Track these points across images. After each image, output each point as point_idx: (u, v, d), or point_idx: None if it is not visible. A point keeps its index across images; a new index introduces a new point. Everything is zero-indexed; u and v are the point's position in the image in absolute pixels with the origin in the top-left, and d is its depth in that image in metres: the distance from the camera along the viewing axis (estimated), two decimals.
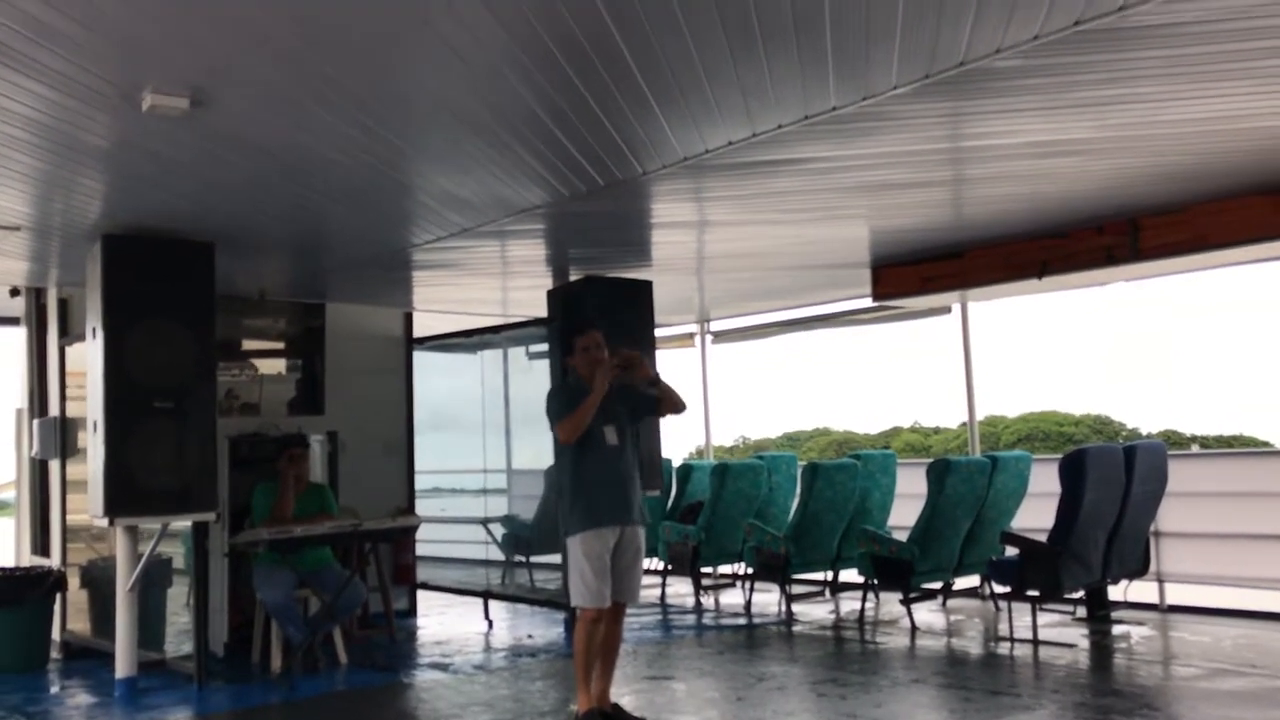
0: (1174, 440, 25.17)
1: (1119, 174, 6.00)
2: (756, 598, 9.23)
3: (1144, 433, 26.19)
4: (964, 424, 9.75)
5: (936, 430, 29.22)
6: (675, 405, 5.47)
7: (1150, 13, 3.68)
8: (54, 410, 7.81)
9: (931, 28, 3.79)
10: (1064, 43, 3.90)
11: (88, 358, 6.48)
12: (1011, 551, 7.29)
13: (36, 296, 8.13)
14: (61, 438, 7.66)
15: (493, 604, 8.90)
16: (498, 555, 9.82)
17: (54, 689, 6.84)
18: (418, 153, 5.20)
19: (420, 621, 8.92)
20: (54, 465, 7.85)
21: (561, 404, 5.25)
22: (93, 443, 6.32)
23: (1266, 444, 23.12)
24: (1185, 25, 3.85)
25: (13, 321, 8.63)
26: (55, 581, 7.40)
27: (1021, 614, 7.26)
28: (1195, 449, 23.47)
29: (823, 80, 4.25)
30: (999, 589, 7.89)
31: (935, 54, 4.02)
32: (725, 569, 10.32)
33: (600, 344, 5.36)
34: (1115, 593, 7.83)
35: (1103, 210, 6.83)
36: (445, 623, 8.79)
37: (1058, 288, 8.12)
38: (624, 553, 5.24)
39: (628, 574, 5.26)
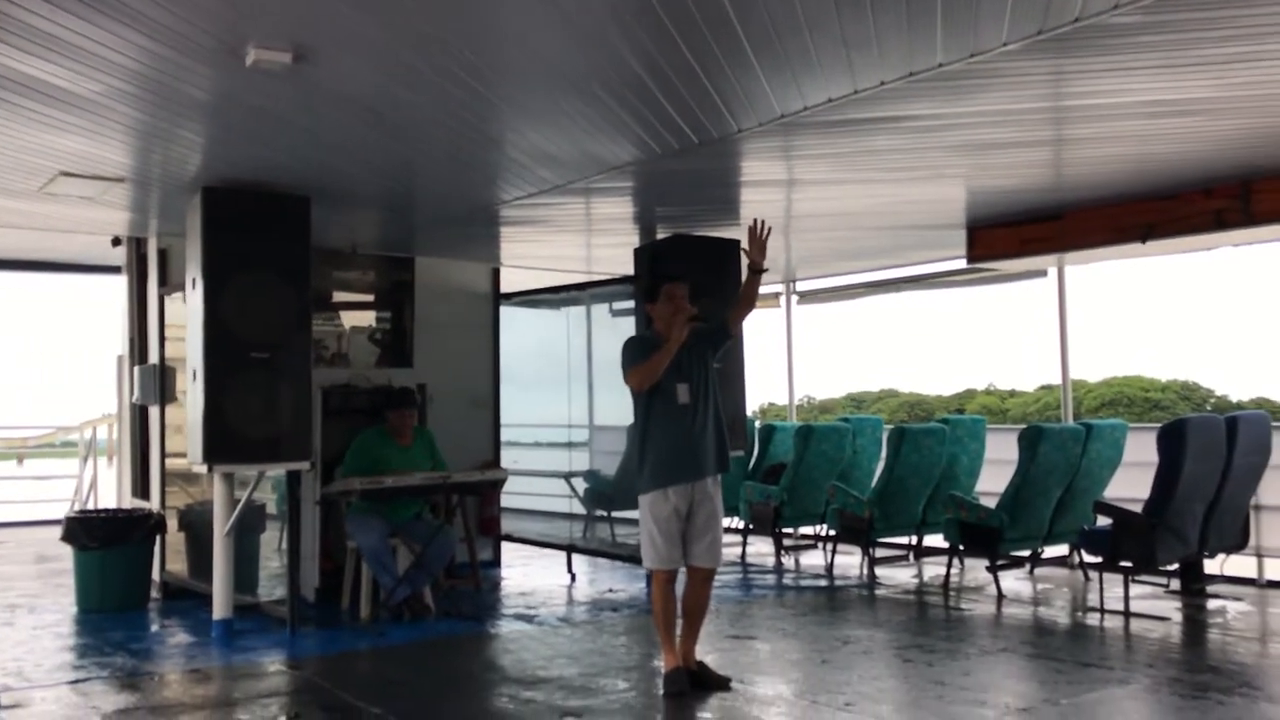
0: (1267, 408, 24.46)
1: (1233, 135, 5.76)
2: (838, 560, 9.18)
3: (1234, 400, 25.43)
4: (1041, 387, 9.54)
5: (1012, 393, 28.73)
6: (747, 307, 5.37)
7: None
8: (153, 358, 8.01)
9: None
10: None
11: (188, 308, 6.63)
12: (1104, 521, 7.12)
13: (137, 246, 8.33)
14: (161, 384, 7.87)
15: (575, 557, 8.99)
16: (580, 509, 9.90)
17: (154, 627, 7.07)
18: (513, 109, 5.18)
19: (504, 573, 9.04)
20: (153, 411, 8.07)
21: (635, 353, 5.21)
22: (192, 391, 6.47)
23: None
24: None
25: (114, 270, 8.87)
26: (155, 524, 7.64)
27: (1113, 585, 7.11)
28: None
29: (930, 35, 4.13)
30: (1090, 559, 7.74)
31: (1049, 9, 3.88)
32: (806, 530, 10.29)
33: (686, 296, 5.29)
34: (1211, 566, 7.63)
35: (1213, 173, 6.57)
36: (529, 574, 8.90)
37: (1161, 252, 7.88)
38: (697, 514, 5.17)
39: (701, 535, 5.19)
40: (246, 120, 5.29)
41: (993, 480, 8.15)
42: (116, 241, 8.36)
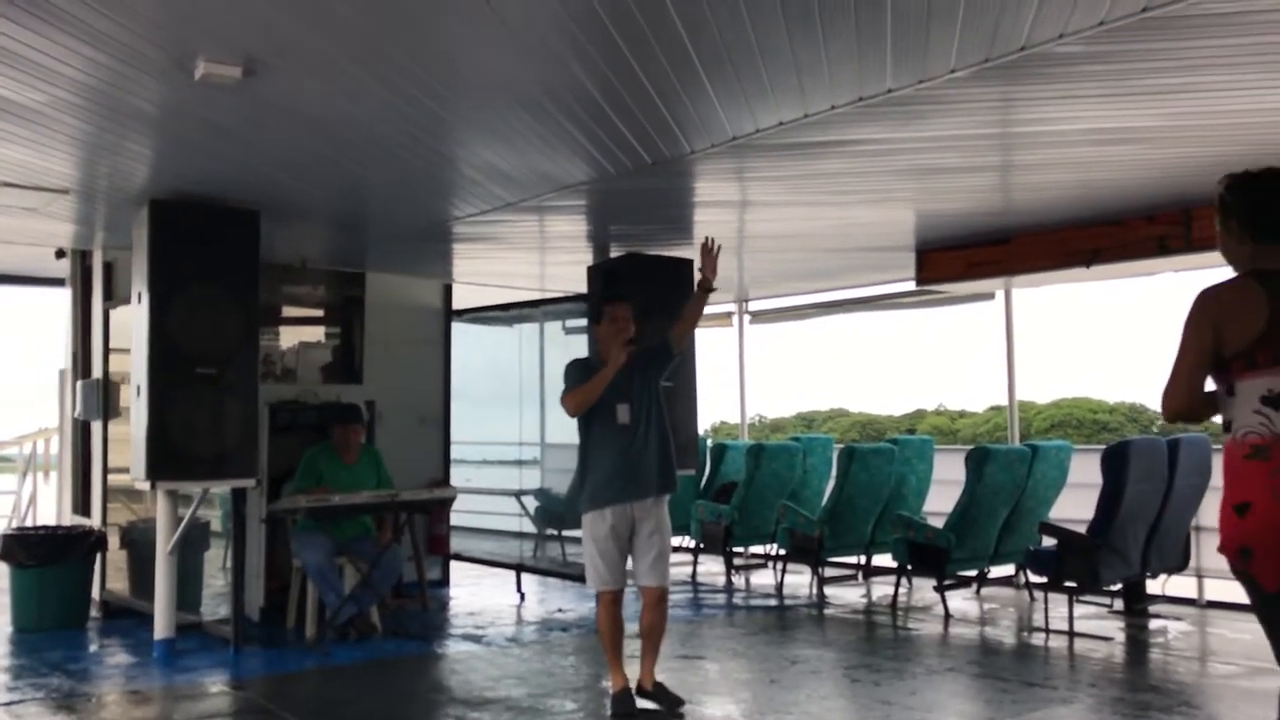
0: (1210, 431, 24.87)
1: (1176, 163, 5.88)
2: (788, 579, 9.21)
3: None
4: (991, 408, 9.67)
5: (962, 414, 29.04)
6: (690, 325, 5.41)
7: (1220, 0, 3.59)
8: (97, 372, 7.88)
9: (994, 10, 3.70)
10: (1130, 29, 3.81)
11: (132, 322, 6.53)
12: (1049, 542, 7.21)
13: (82, 259, 8.21)
14: (104, 399, 7.74)
15: (525, 577, 8.94)
16: (531, 528, 9.85)
17: (93, 647, 6.93)
18: (465, 126, 5.18)
19: (453, 592, 8.98)
20: (96, 426, 7.93)
21: (574, 376, 5.22)
22: (136, 407, 6.37)
23: None
24: (1255, 14, 3.75)
25: (58, 283, 8.72)
26: (96, 541, 7.50)
27: (1057, 605, 7.20)
28: None
29: (880, 61, 4.18)
30: (1035, 579, 7.83)
31: (996, 37, 3.94)
32: (757, 549, 10.32)
33: (629, 317, 5.30)
34: (1153, 587, 7.75)
35: (1156, 200, 6.70)
36: (478, 594, 8.84)
37: (1105, 277, 8.00)
38: (639, 533, 5.16)
39: (643, 555, 5.17)
40: (195, 134, 5.23)
41: (942, 500, 8.22)
42: (61, 254, 8.21)
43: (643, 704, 5.22)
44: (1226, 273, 3.19)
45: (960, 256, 8.08)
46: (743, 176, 6.18)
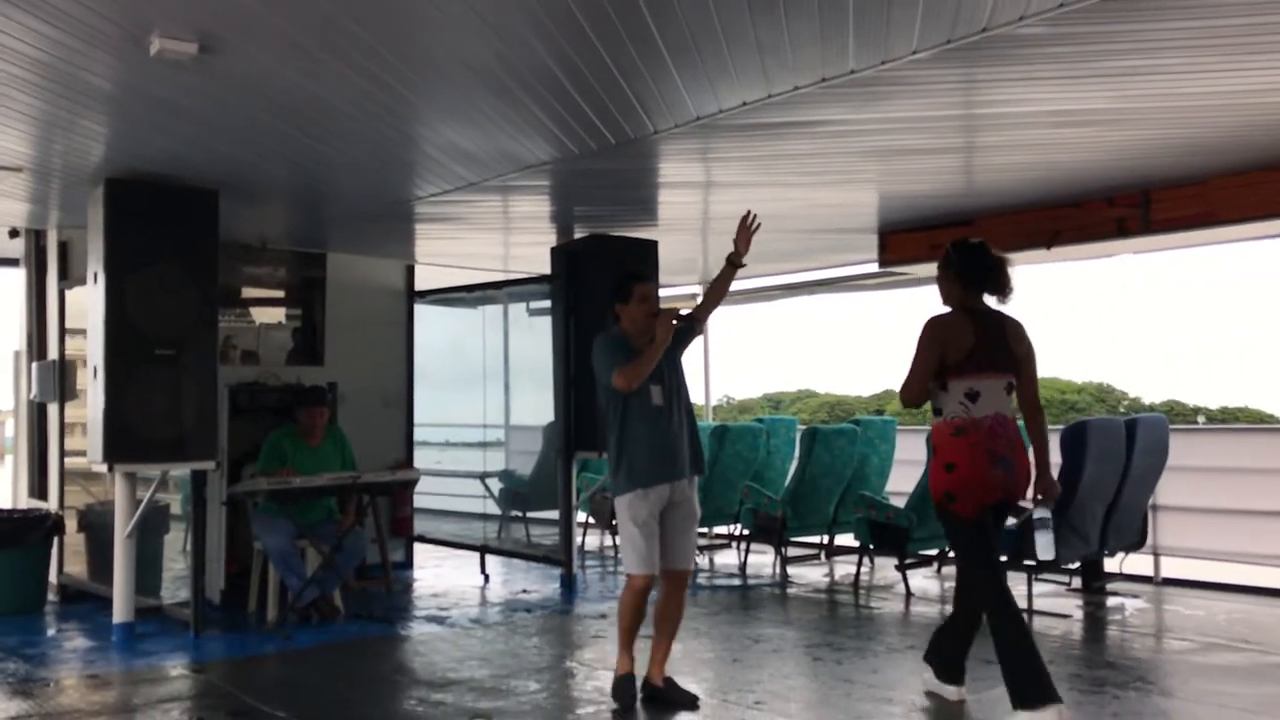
0: (1177, 411, 25.12)
1: (1134, 146, 5.94)
2: (751, 559, 9.26)
3: (1146, 403, 26.17)
4: None
5: None
6: (715, 302, 5.35)
7: None
8: (53, 353, 7.77)
9: None
10: (1090, 11, 3.84)
11: (89, 302, 6.44)
12: (1010, 520, 7.27)
13: (36, 238, 8.07)
14: (60, 381, 7.64)
15: (489, 559, 8.93)
16: (495, 510, 9.84)
17: (50, 631, 6.86)
18: (426, 104, 5.13)
19: (417, 574, 8.95)
20: (52, 408, 7.83)
21: (614, 354, 4.97)
22: (93, 389, 6.29)
23: (1271, 418, 23.12)
24: None
25: (12, 263, 8.57)
26: (53, 524, 7.41)
27: (1017, 583, 7.26)
28: (1202, 420, 23.42)
29: (842, 42, 4.19)
30: None
31: (958, 19, 3.96)
32: (721, 530, 10.36)
33: (658, 296, 5.20)
34: (1111, 565, 7.85)
35: (1115, 182, 6.77)
36: (441, 575, 8.82)
37: (1065, 258, 8.08)
38: (675, 514, 5.01)
39: (679, 537, 5.03)
40: (151, 111, 5.15)
41: (907, 480, 8.27)
42: (14, 233, 8.08)
43: (653, 701, 5.05)
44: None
45: (923, 238, 8.12)
46: (707, 157, 6.17)
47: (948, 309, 4.77)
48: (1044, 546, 5.74)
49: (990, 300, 4.79)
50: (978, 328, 4.67)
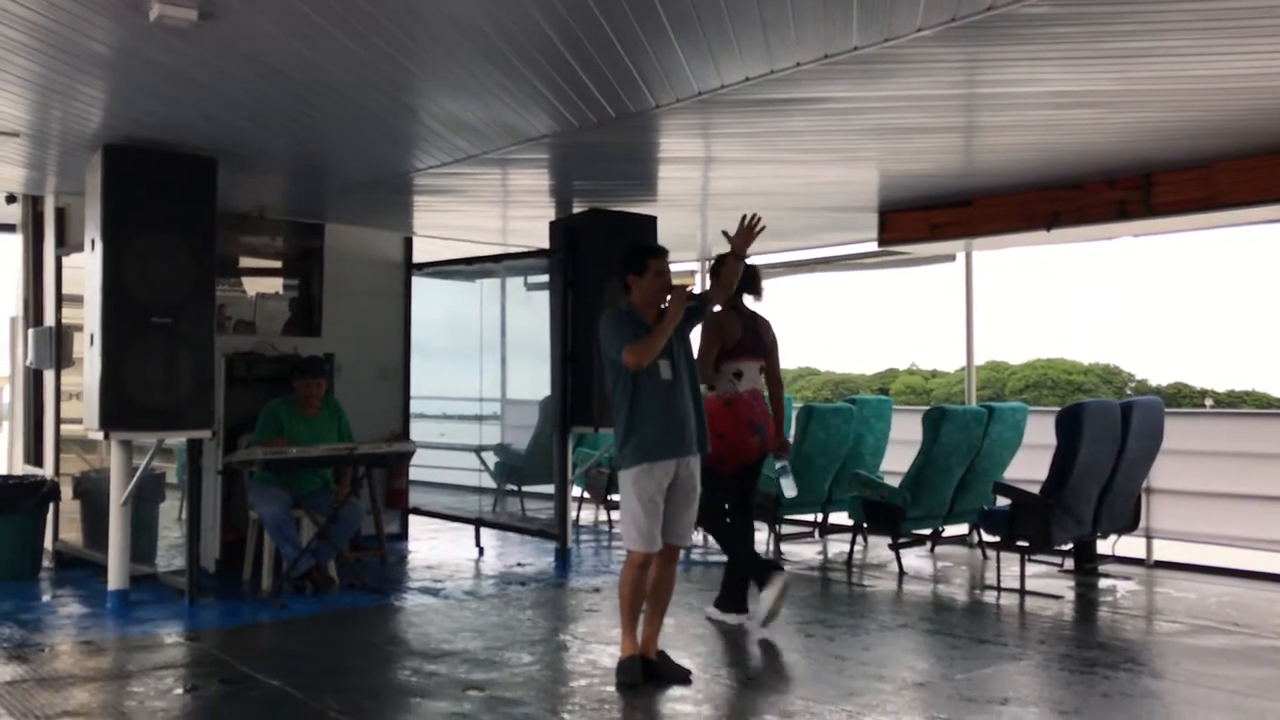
0: (1185, 394, 25.12)
1: (1137, 128, 5.92)
2: None
3: (1153, 385, 26.15)
4: (963, 368, 9.73)
5: (934, 374, 29.23)
6: (727, 289, 5.29)
7: None
8: (50, 320, 7.75)
9: None
10: None
11: (86, 269, 6.42)
12: (1003, 502, 7.31)
13: (33, 204, 8.04)
14: (57, 348, 7.62)
15: (484, 531, 8.94)
16: (490, 483, 9.85)
17: (46, 598, 6.88)
18: (427, 75, 5.10)
19: (411, 546, 8.97)
20: (49, 375, 7.81)
21: (624, 331, 4.94)
22: (89, 356, 6.28)
23: (1277, 402, 23.11)
24: None
25: (9, 229, 8.53)
26: (49, 491, 7.42)
27: (1010, 564, 7.32)
28: (1209, 403, 23.41)
29: (846, 18, 4.16)
30: (988, 538, 7.93)
31: None
32: None
33: (670, 270, 5.18)
34: (1104, 547, 7.88)
35: (1117, 164, 6.75)
36: (436, 548, 8.84)
37: (1066, 240, 8.07)
38: (678, 490, 5.00)
39: (680, 513, 5.03)
40: (150, 77, 5.12)
41: (903, 459, 8.27)
42: (11, 199, 8.05)
43: (645, 676, 5.01)
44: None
45: (922, 218, 8.11)
46: (708, 132, 6.14)
47: (718, 309, 5.78)
48: (788, 487, 6.34)
49: (749, 300, 6.20)
50: (744, 323, 6.13)
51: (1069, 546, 7.65)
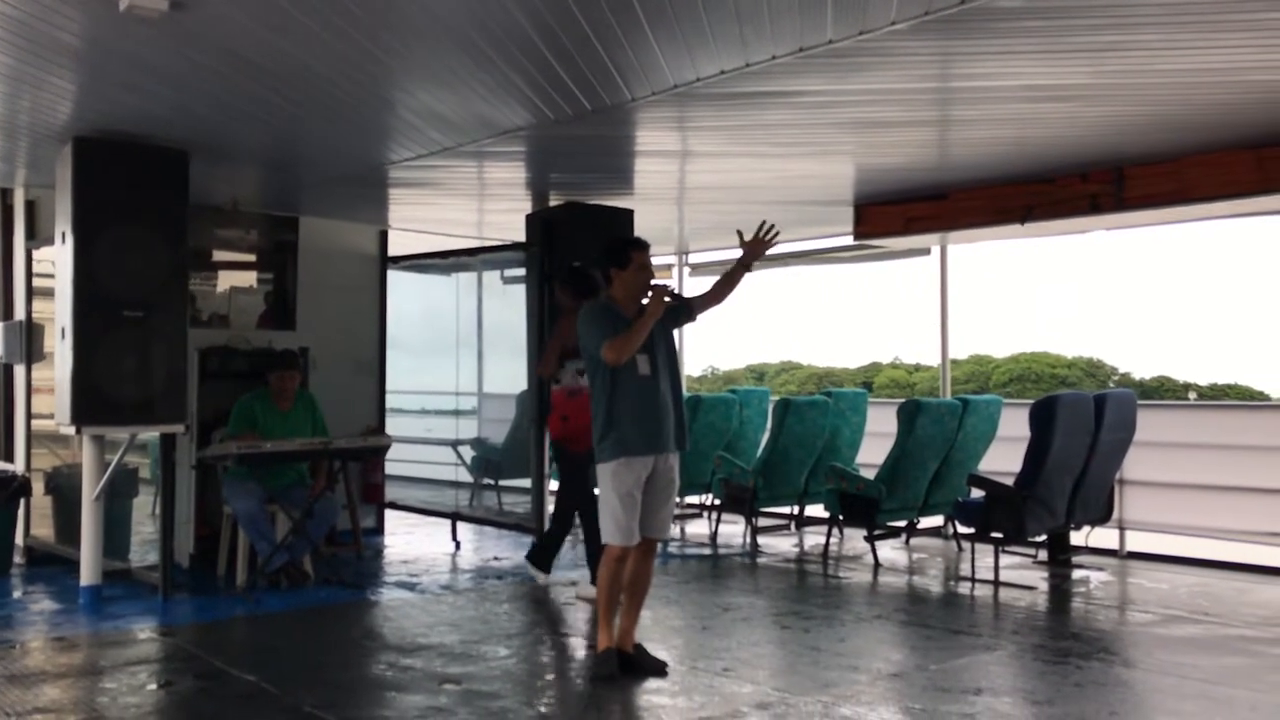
0: (1168, 387, 25.33)
1: (1108, 121, 5.96)
2: (723, 529, 9.31)
3: (1136, 378, 26.36)
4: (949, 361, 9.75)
5: (917, 367, 29.39)
6: (720, 299, 5.32)
7: None
8: (20, 314, 7.67)
9: None
10: None
11: (56, 263, 6.36)
12: (977, 493, 7.35)
13: (3, 197, 7.95)
14: (27, 342, 7.54)
15: (460, 526, 8.93)
16: (466, 477, 9.83)
17: (16, 594, 6.81)
18: (402, 67, 5.07)
19: (387, 540, 8.95)
20: (19, 370, 7.74)
21: (603, 326, 4.93)
22: (60, 350, 6.22)
23: (1261, 395, 23.35)
24: None
25: None
26: (19, 486, 7.35)
27: (984, 555, 7.36)
28: (1193, 396, 23.60)
29: (820, 12, 4.17)
30: (963, 530, 7.99)
31: None
32: (692, 499, 10.39)
33: (652, 264, 5.18)
34: (1077, 538, 7.94)
35: (1089, 158, 6.80)
36: (412, 542, 8.82)
37: (1040, 234, 8.11)
38: (656, 485, 5.00)
39: (658, 508, 5.03)
40: (121, 68, 5.07)
41: (878, 452, 8.30)
42: None
43: (622, 668, 5.01)
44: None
45: (897, 211, 8.14)
46: (684, 126, 6.14)
47: (565, 313, 6.64)
48: None
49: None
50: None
51: (1043, 538, 7.71)
